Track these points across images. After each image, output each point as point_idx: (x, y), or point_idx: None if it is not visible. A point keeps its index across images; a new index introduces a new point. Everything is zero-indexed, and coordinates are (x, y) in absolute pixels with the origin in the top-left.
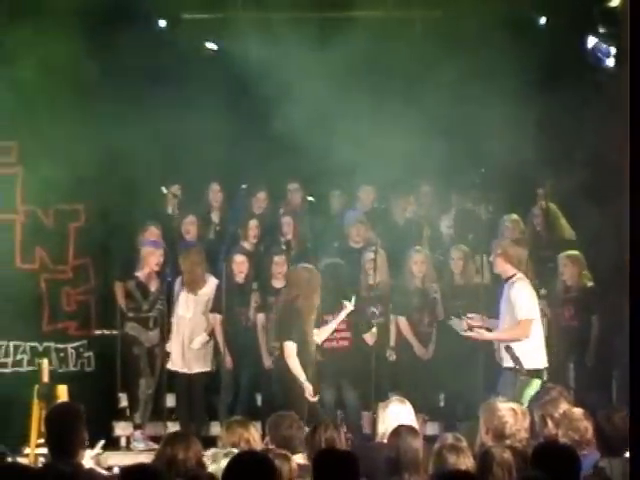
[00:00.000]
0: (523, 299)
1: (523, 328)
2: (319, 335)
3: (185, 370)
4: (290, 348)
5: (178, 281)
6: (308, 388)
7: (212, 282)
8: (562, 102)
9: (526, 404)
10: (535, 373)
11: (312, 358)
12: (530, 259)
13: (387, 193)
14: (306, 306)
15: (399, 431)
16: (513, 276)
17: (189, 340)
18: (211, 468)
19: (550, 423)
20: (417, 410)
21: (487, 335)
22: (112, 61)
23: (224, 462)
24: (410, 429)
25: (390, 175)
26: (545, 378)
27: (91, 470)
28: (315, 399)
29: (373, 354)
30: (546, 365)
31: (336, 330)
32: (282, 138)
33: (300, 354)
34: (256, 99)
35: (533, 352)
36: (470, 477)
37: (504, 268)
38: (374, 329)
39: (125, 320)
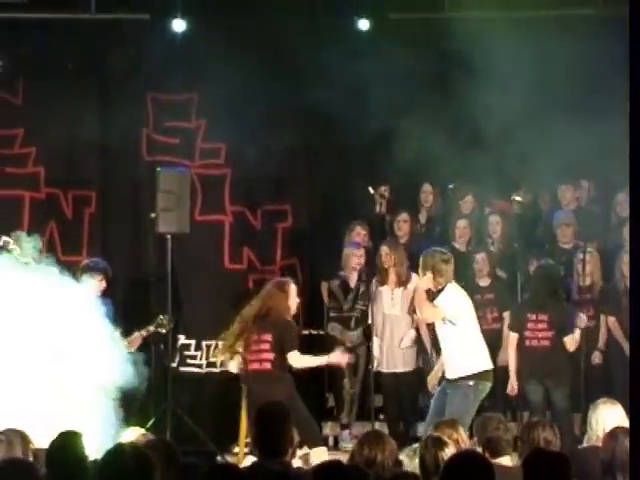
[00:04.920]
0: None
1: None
2: None
3: (392, 370)
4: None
5: (374, 281)
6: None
7: (415, 279)
8: None
9: None
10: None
11: None
12: None
13: (600, 193)
14: None
15: (615, 433)
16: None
17: (397, 338)
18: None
19: None
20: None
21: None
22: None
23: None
24: (627, 431)
25: (607, 174)
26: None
27: (299, 469)
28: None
29: (582, 356)
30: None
31: (538, 329)
32: (489, 137)
33: None
34: (461, 100)
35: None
36: None
37: (435, 283)
38: (576, 334)
39: (328, 320)
